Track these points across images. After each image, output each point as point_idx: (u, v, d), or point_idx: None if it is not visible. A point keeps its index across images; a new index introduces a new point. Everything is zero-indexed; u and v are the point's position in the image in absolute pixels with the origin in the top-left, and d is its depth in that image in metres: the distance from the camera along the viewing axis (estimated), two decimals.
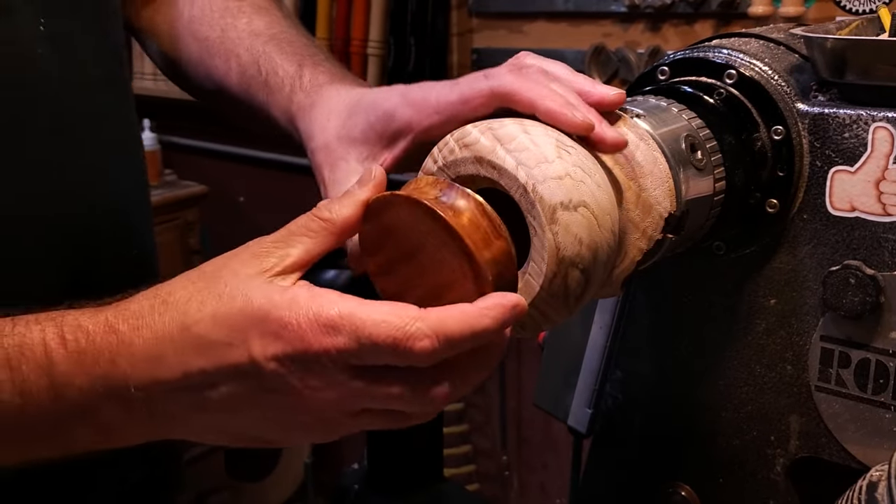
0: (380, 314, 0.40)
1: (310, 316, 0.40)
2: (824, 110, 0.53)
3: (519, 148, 0.42)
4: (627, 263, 0.47)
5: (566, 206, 0.41)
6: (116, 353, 0.43)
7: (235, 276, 0.42)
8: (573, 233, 0.41)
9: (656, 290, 0.63)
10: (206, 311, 0.42)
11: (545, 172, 0.41)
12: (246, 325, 0.41)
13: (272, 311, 0.41)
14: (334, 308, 0.40)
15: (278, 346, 0.41)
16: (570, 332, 0.70)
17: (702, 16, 1.43)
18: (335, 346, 0.40)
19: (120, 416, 0.44)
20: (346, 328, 0.40)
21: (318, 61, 0.66)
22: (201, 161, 2.37)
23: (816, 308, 0.55)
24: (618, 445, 0.68)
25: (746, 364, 0.59)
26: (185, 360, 0.42)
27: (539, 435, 1.87)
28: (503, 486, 1.97)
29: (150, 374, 0.43)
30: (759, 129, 0.54)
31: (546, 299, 0.42)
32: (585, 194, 0.42)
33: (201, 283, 0.43)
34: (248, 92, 0.68)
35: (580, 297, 0.43)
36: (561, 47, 1.62)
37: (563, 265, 0.41)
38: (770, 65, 0.55)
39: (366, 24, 1.80)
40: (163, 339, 0.42)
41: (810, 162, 0.54)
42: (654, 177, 0.46)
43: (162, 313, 0.43)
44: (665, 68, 0.58)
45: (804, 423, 0.57)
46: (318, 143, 0.59)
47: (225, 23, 0.72)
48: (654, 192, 0.46)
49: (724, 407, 0.61)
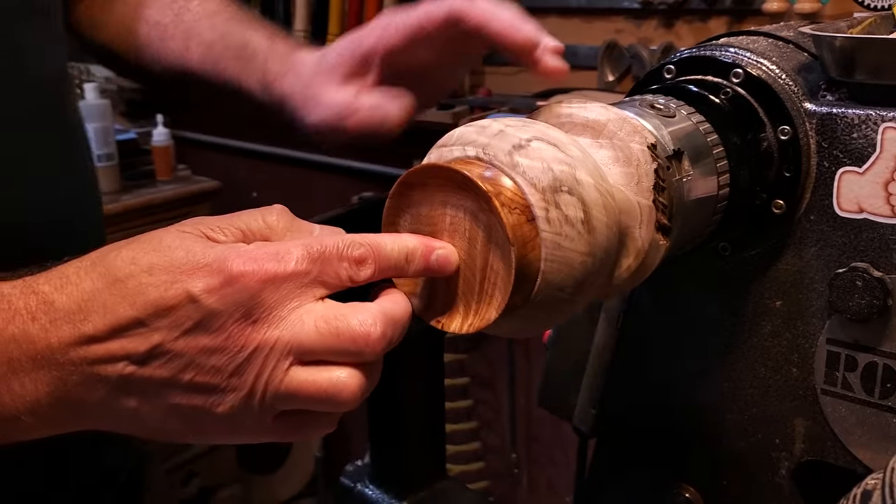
0: (323, 235, 0.41)
1: (258, 252, 0.40)
2: (832, 110, 0.52)
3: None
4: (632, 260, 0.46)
5: (518, 147, 0.41)
6: (35, 312, 0.40)
7: (175, 233, 0.41)
8: (540, 157, 0.40)
9: (661, 290, 0.62)
10: (141, 264, 0.40)
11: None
12: (185, 268, 0.39)
13: (213, 255, 0.39)
14: (282, 242, 0.41)
15: (218, 278, 0.39)
16: (575, 333, 0.70)
17: (715, 12, 1.42)
18: (286, 270, 0.39)
19: (30, 389, 0.41)
20: (294, 252, 0.40)
21: (285, 35, 0.71)
22: (215, 156, 2.38)
23: (823, 310, 0.55)
24: (622, 446, 0.68)
25: (751, 366, 0.59)
26: (114, 311, 0.39)
27: (548, 433, 1.87)
28: (512, 484, 1.96)
29: (74, 330, 0.40)
30: (766, 129, 0.53)
31: (554, 236, 0.40)
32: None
33: (135, 244, 0.41)
34: (215, 68, 0.70)
35: (587, 222, 0.40)
36: (573, 43, 1.61)
37: (547, 194, 0.40)
38: (778, 63, 0.54)
39: None
40: (90, 293, 0.40)
41: (818, 162, 0.53)
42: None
43: (89, 271, 0.41)
44: (671, 67, 0.57)
45: (810, 427, 0.57)
46: (297, 87, 0.64)
47: (178, 6, 0.74)
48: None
49: (729, 409, 0.60)
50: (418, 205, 0.42)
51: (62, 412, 0.42)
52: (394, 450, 0.66)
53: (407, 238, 0.42)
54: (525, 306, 0.40)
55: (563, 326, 0.72)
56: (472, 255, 0.41)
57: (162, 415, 0.41)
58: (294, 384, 0.40)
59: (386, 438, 0.66)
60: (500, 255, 0.39)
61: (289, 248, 0.40)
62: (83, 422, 0.43)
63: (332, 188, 2.07)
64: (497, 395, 1.94)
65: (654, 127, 0.47)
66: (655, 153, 0.45)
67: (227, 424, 0.41)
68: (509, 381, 1.83)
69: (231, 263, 0.39)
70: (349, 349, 0.40)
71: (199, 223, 0.42)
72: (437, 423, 0.67)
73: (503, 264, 0.39)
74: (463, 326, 0.41)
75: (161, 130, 2.19)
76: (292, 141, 2.17)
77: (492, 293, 0.40)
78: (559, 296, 0.40)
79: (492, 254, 0.40)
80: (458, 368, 1.93)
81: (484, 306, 0.41)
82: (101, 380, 0.40)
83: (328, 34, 1.87)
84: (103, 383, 0.40)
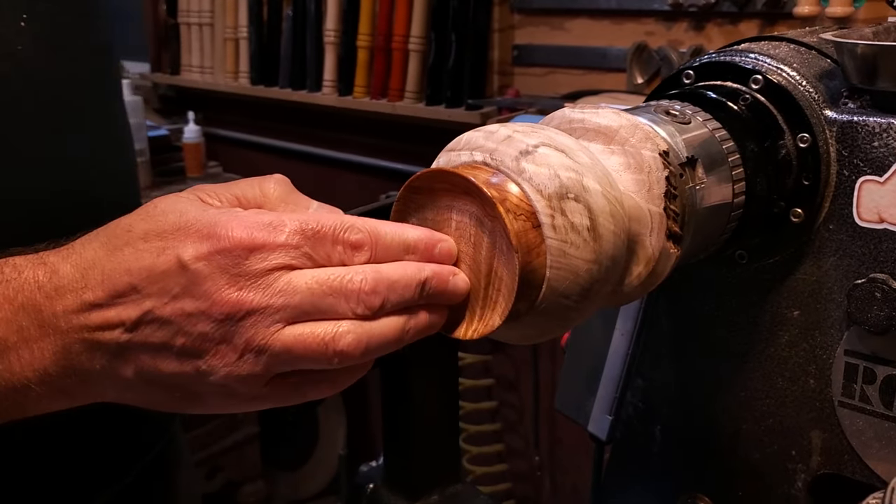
0: (321, 213, 0.40)
1: (251, 219, 0.39)
2: (853, 118, 0.51)
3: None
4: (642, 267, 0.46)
5: (525, 153, 0.41)
6: (42, 281, 0.41)
7: (171, 198, 0.41)
8: (546, 164, 0.40)
9: (678, 297, 0.62)
10: (137, 231, 0.40)
11: None
12: (178, 233, 0.39)
13: (206, 219, 0.39)
14: (276, 213, 0.40)
15: (207, 244, 0.39)
16: (592, 338, 0.69)
17: (746, 15, 1.40)
18: (276, 240, 0.39)
19: (38, 357, 0.41)
20: (287, 225, 0.39)
21: None
22: (245, 153, 2.40)
23: (841, 321, 0.54)
24: (637, 454, 0.67)
25: (768, 376, 0.58)
26: (111, 278, 0.40)
27: (573, 436, 1.86)
28: (535, 487, 1.96)
29: (75, 298, 0.40)
30: (784, 137, 0.52)
31: (560, 243, 0.40)
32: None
33: (134, 212, 0.42)
34: None
35: (593, 229, 0.40)
36: (603, 45, 1.60)
37: (553, 200, 0.39)
38: (799, 70, 0.54)
39: (408, 20, 1.80)
40: (91, 261, 0.41)
41: (837, 171, 0.52)
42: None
43: (91, 240, 0.42)
44: (690, 72, 0.56)
45: (826, 439, 0.56)
46: None
47: None
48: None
49: (745, 419, 0.60)
50: (424, 209, 0.42)
51: (69, 381, 0.42)
52: (407, 452, 0.66)
53: (409, 230, 0.41)
54: (530, 313, 0.40)
55: (579, 332, 0.71)
56: (477, 260, 0.41)
57: (159, 383, 0.41)
58: (290, 339, 0.39)
59: (399, 441, 0.67)
60: (505, 261, 0.39)
61: (283, 220, 0.40)
62: (91, 392, 0.43)
63: (360, 186, 2.07)
64: (521, 397, 1.93)
65: (667, 134, 0.47)
66: (667, 160, 0.44)
67: (220, 392, 0.41)
68: (533, 383, 1.82)
69: (221, 229, 0.39)
70: (342, 305, 0.39)
71: (197, 189, 0.43)
72: (451, 427, 0.67)
73: (507, 271, 0.39)
74: (467, 332, 0.41)
75: (192, 128, 2.22)
76: (321, 139, 2.18)
77: (496, 299, 0.40)
78: (564, 303, 0.40)
79: (496, 260, 0.40)
80: (482, 370, 1.92)
81: (488, 312, 0.40)
82: (101, 347, 0.41)
83: (359, 33, 1.88)
84: (102, 351, 0.41)
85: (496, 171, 0.40)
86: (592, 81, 1.63)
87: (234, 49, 2.18)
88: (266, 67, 2.11)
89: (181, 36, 2.31)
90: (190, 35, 2.28)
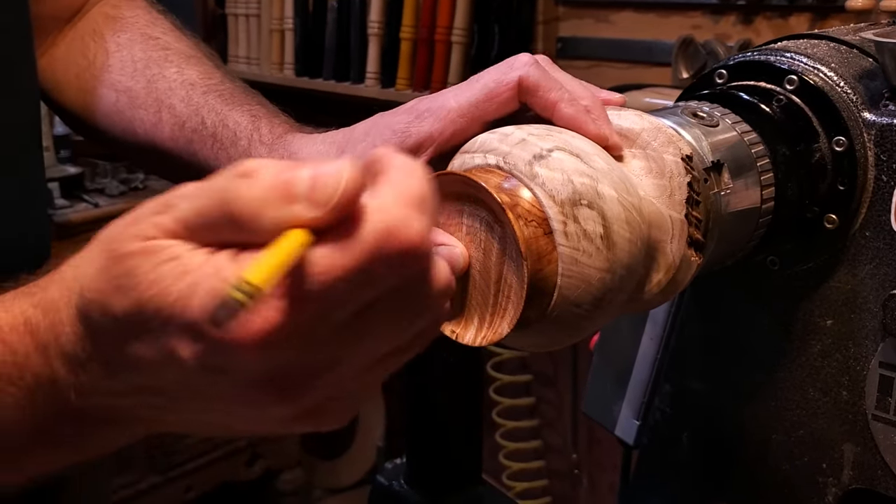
0: None
1: None
2: (893, 121, 0.49)
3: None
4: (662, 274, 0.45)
5: (538, 157, 0.39)
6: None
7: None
8: (560, 169, 0.39)
9: (708, 303, 0.60)
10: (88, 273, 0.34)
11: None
12: None
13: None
14: None
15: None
16: (621, 342, 0.68)
17: (797, 9, 1.36)
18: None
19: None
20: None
21: (271, 112, 0.62)
22: None
23: (876, 332, 0.52)
24: (665, 460, 0.66)
25: (800, 386, 0.56)
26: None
27: (611, 436, 1.84)
28: (572, 484, 1.94)
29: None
30: (819, 140, 0.50)
31: (572, 251, 0.38)
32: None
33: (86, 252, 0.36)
34: (189, 146, 0.61)
35: (606, 237, 0.39)
36: (648, 38, 1.57)
37: (566, 207, 0.38)
38: (837, 70, 0.52)
39: (451, 12, 1.79)
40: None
41: (875, 176, 0.50)
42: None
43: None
44: (723, 71, 0.55)
45: (859, 453, 0.54)
46: None
47: (151, 73, 0.65)
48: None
49: (775, 429, 0.58)
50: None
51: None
52: (429, 452, 0.66)
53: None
54: (541, 321, 0.39)
55: (607, 335, 0.70)
56: (486, 266, 0.40)
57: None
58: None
59: (422, 440, 0.66)
60: (514, 268, 0.38)
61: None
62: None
63: None
64: (559, 394, 1.91)
65: (693, 137, 0.45)
66: (690, 165, 0.43)
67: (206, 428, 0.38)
68: (572, 380, 1.81)
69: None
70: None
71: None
72: (474, 428, 0.66)
73: (517, 278, 0.38)
74: (476, 338, 0.40)
75: None
76: None
77: (505, 306, 0.39)
78: (576, 312, 0.39)
79: (506, 266, 0.39)
80: (520, 365, 1.91)
81: (497, 319, 0.40)
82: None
83: (402, 25, 1.87)
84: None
85: (509, 175, 0.39)
86: (637, 75, 1.60)
87: (279, 40, 2.19)
88: (310, 59, 2.12)
89: (228, 27, 2.33)
90: (237, 26, 2.29)
